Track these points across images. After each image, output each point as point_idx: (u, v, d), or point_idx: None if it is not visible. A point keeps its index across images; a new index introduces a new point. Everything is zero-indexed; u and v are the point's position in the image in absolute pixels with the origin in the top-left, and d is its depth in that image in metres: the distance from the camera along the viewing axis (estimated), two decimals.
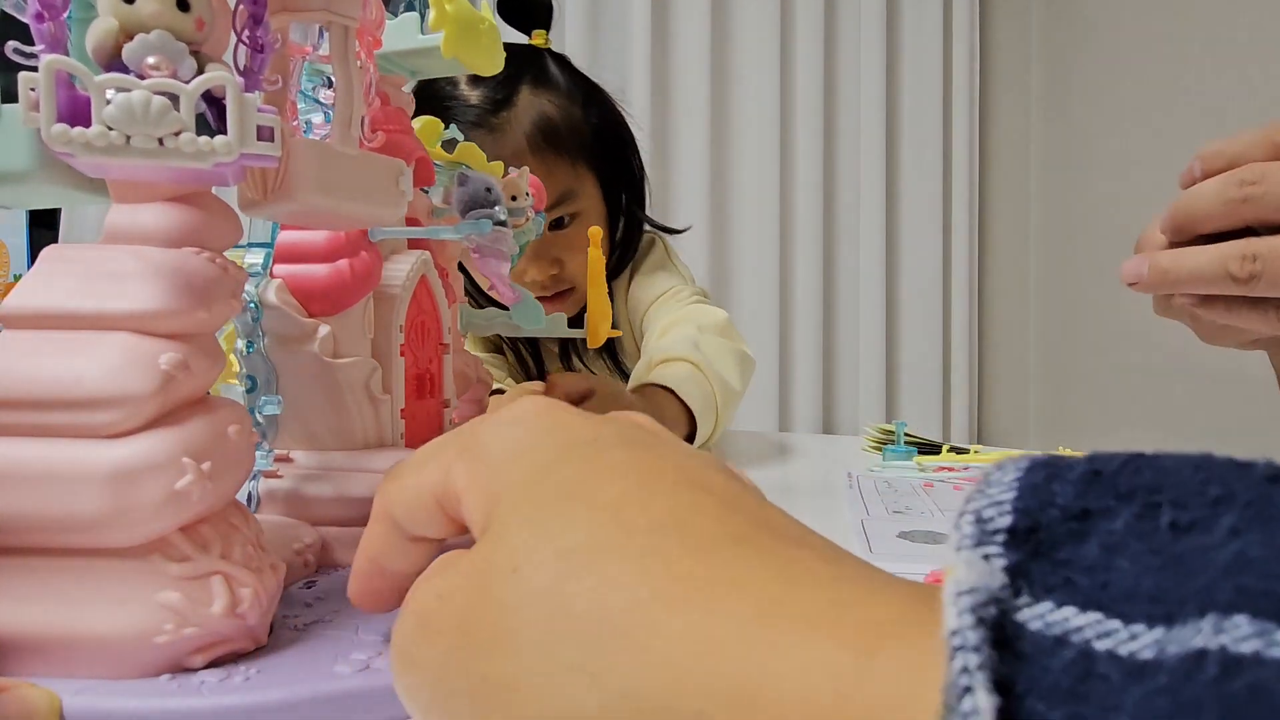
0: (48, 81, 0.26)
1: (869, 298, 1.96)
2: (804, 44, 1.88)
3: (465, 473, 0.20)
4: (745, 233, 1.86)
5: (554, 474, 0.19)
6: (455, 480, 0.20)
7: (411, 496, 0.22)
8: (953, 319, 2.02)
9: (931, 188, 1.99)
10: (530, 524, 0.18)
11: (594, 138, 0.96)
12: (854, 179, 1.95)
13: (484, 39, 0.47)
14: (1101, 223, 1.88)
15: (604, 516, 0.17)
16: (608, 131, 0.98)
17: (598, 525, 0.17)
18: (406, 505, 0.22)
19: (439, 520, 0.21)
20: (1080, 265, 1.95)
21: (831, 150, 1.94)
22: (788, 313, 1.90)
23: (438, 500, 0.21)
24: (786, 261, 1.89)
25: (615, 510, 0.17)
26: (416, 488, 0.22)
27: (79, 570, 0.27)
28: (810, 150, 1.89)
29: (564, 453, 0.19)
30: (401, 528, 0.22)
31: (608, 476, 0.18)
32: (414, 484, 0.22)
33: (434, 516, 0.21)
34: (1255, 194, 0.40)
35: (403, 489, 0.22)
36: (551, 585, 0.16)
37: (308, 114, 0.44)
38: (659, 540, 0.16)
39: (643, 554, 0.16)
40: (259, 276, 0.40)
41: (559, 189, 0.90)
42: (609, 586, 0.16)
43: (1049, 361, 2.07)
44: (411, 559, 0.23)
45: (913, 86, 1.98)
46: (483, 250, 0.51)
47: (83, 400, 0.27)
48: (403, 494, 0.22)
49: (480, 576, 0.18)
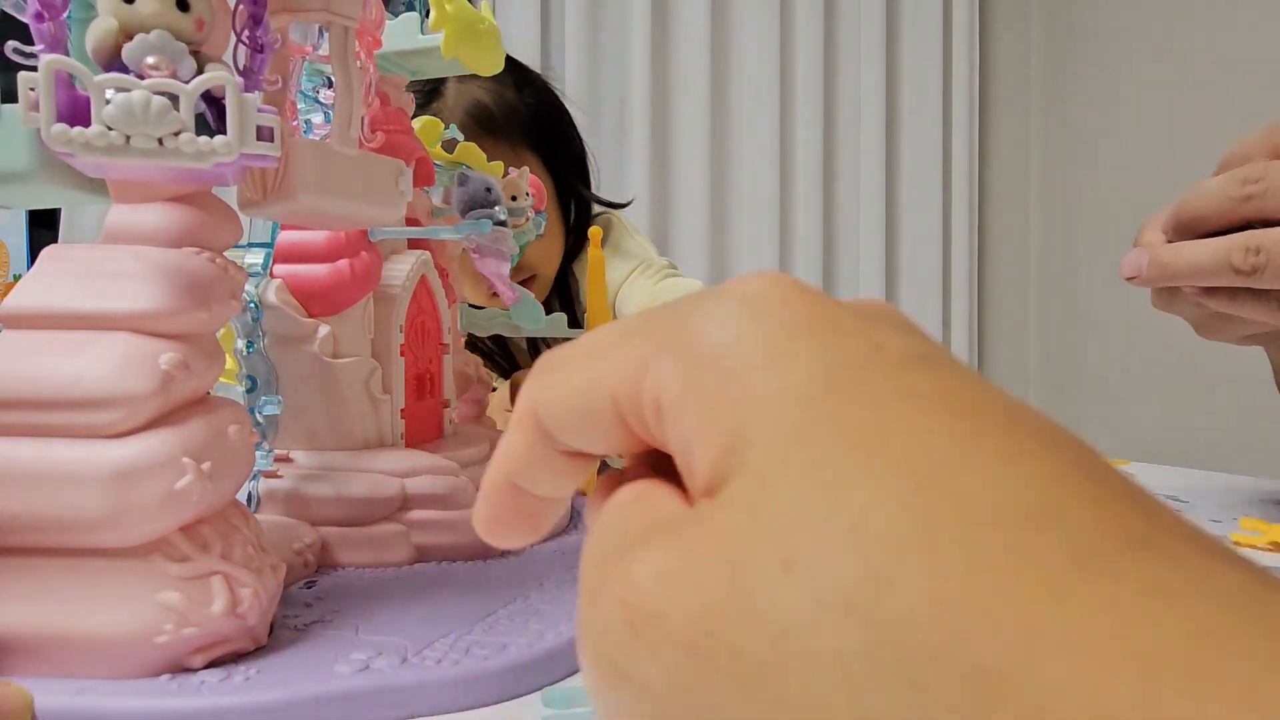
0: (47, 81, 0.26)
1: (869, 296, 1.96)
2: (804, 44, 1.88)
3: (677, 376, 0.14)
4: (745, 232, 1.86)
5: (828, 402, 0.13)
6: (658, 383, 0.14)
7: (577, 397, 0.16)
8: (953, 319, 2.02)
9: (931, 187, 1.99)
10: (806, 487, 0.12)
11: (531, 119, 0.93)
12: (854, 178, 1.95)
13: (484, 39, 0.47)
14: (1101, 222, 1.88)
15: (925, 486, 0.11)
16: (544, 112, 0.96)
17: (920, 500, 0.11)
18: (568, 408, 0.16)
19: (614, 432, 0.16)
20: (1080, 264, 1.95)
21: (831, 150, 1.94)
22: None
23: (619, 406, 0.15)
24: (786, 261, 1.89)
25: (942, 476, 0.11)
26: (587, 386, 0.15)
27: (79, 570, 0.27)
28: (810, 150, 1.89)
29: (838, 368, 0.13)
30: (553, 438, 0.16)
31: (916, 413, 0.12)
32: (584, 381, 0.16)
33: (609, 427, 0.15)
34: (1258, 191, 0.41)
35: (565, 385, 0.16)
36: (850, 598, 0.11)
37: (308, 114, 0.44)
38: (1020, 537, 0.11)
39: (1003, 558, 0.10)
40: (259, 276, 0.40)
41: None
42: (948, 608, 0.10)
43: (1049, 361, 2.07)
44: (560, 480, 0.17)
45: (913, 86, 1.98)
46: (483, 250, 0.51)
47: (83, 400, 0.27)
48: (564, 393, 0.16)
49: (729, 564, 0.12)
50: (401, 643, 0.31)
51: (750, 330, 0.14)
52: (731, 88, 1.85)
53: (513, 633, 0.32)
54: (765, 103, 1.85)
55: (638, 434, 0.15)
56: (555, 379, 0.16)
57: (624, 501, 0.15)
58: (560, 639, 0.31)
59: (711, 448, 0.13)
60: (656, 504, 0.15)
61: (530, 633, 0.32)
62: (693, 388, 0.14)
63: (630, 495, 0.15)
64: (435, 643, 0.31)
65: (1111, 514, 0.11)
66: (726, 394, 0.13)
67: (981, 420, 0.12)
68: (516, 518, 0.18)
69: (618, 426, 0.15)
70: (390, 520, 0.41)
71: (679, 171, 1.79)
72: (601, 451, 0.17)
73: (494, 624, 0.33)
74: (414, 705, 0.28)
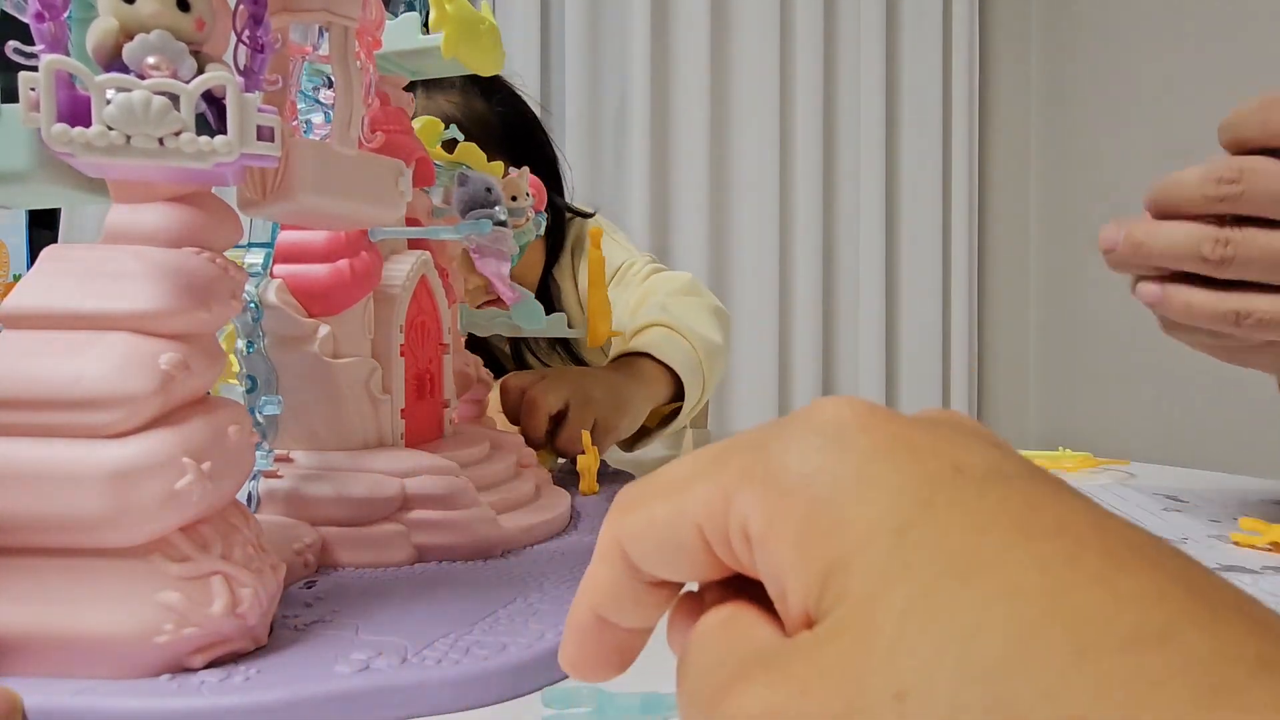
0: (48, 81, 0.26)
1: (869, 297, 1.96)
2: (804, 44, 1.88)
3: (765, 507, 0.14)
4: (745, 232, 1.86)
5: (921, 528, 0.13)
6: (743, 512, 0.15)
7: (662, 529, 0.16)
8: (953, 319, 2.02)
9: (931, 188, 1.99)
10: (911, 616, 0.12)
11: (502, 128, 0.92)
12: (854, 179, 1.95)
13: (484, 39, 0.47)
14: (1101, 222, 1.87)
15: (1034, 610, 0.11)
16: (514, 120, 0.95)
17: (1030, 625, 0.11)
18: (655, 540, 0.16)
19: (701, 561, 0.16)
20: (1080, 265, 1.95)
21: (831, 150, 1.94)
22: (787, 312, 1.90)
23: (705, 536, 0.16)
24: (786, 261, 1.89)
25: (1049, 599, 0.11)
26: (672, 518, 0.16)
27: (79, 570, 0.27)
28: (810, 150, 1.89)
29: (926, 491, 0.13)
30: (639, 569, 0.17)
31: (1009, 534, 0.12)
32: (669, 513, 0.16)
33: (695, 557, 0.16)
34: (1232, 193, 0.41)
35: (649, 518, 0.16)
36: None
37: (308, 114, 0.44)
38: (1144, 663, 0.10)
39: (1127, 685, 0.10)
40: (259, 276, 0.40)
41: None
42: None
43: (1049, 361, 2.07)
44: (647, 611, 0.18)
45: (913, 86, 1.98)
46: (483, 250, 0.51)
47: (83, 400, 0.27)
48: (649, 525, 0.16)
49: (841, 698, 0.12)
50: (401, 643, 0.31)
51: (832, 460, 0.14)
52: (731, 88, 1.85)
53: (513, 633, 0.32)
54: (765, 103, 1.84)
55: (725, 562, 0.16)
56: (639, 513, 0.17)
57: (715, 626, 0.16)
58: (560, 639, 0.31)
59: (807, 577, 0.13)
60: (750, 630, 0.15)
61: (530, 633, 0.32)
62: (782, 518, 0.14)
63: (721, 620, 0.16)
64: (435, 643, 0.31)
65: (1230, 633, 0.11)
66: (818, 525, 0.14)
67: (1075, 538, 0.12)
68: (605, 652, 0.18)
69: (704, 555, 0.16)
70: (390, 520, 0.41)
71: (679, 171, 1.79)
72: (688, 580, 0.17)
73: (494, 624, 0.33)
74: (414, 705, 0.28)
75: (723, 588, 0.16)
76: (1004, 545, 0.12)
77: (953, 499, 0.13)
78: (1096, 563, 0.12)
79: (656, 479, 0.17)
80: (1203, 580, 0.12)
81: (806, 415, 0.15)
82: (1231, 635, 0.11)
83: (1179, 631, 0.11)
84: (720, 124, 1.82)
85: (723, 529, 0.15)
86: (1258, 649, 0.10)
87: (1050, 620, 0.11)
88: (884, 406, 0.15)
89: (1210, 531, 0.51)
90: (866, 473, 0.14)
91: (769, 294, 1.86)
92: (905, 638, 0.12)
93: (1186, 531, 0.52)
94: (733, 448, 0.16)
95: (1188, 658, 0.10)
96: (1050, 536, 0.12)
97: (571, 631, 0.18)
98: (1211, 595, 0.11)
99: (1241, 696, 0.10)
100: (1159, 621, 0.11)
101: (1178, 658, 0.10)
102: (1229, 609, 0.11)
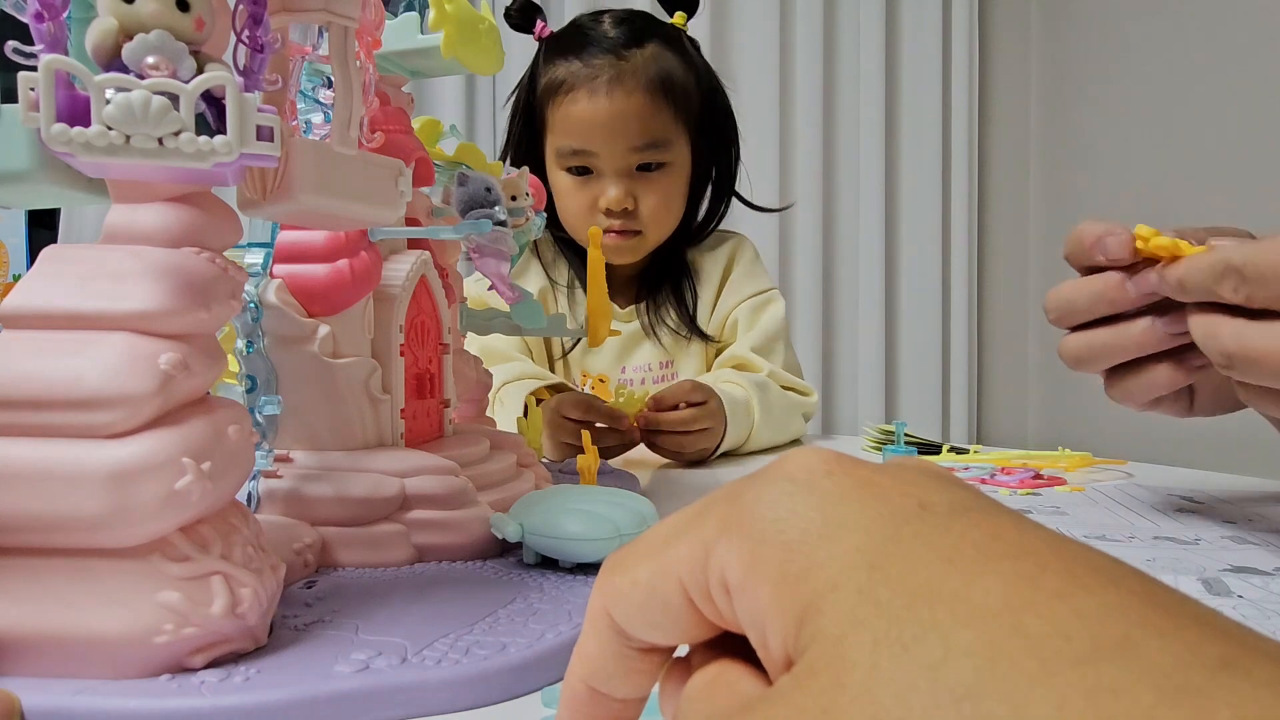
0: (47, 81, 0.26)
1: (869, 298, 1.96)
2: (804, 44, 1.88)
3: (740, 555, 0.15)
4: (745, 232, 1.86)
5: (888, 563, 0.13)
6: (722, 565, 0.15)
7: (646, 589, 0.16)
8: (952, 319, 2.02)
9: (931, 188, 1.99)
10: (882, 649, 0.12)
11: (701, 109, 1.02)
12: (854, 179, 1.95)
13: (484, 39, 0.47)
14: None
15: (998, 631, 0.11)
16: (713, 111, 1.05)
17: (995, 646, 0.11)
18: (639, 602, 0.16)
19: (686, 621, 0.16)
20: None
21: (831, 150, 1.94)
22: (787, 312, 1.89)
23: (688, 592, 0.16)
24: (786, 261, 1.89)
25: (1012, 619, 0.12)
26: (655, 577, 0.16)
27: (79, 570, 0.27)
28: (810, 150, 1.89)
29: (892, 527, 0.14)
30: (626, 635, 0.17)
31: (971, 563, 0.13)
32: (651, 572, 0.16)
33: (679, 615, 0.16)
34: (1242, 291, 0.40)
35: (633, 580, 0.16)
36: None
37: (308, 114, 0.44)
38: (1102, 673, 0.11)
39: (1088, 698, 0.10)
40: (259, 276, 0.40)
41: (656, 133, 0.96)
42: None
43: (1049, 361, 2.07)
44: (638, 680, 0.17)
45: (913, 86, 1.98)
46: (483, 250, 0.51)
47: (83, 400, 0.27)
48: (633, 587, 0.16)
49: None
50: (401, 643, 0.31)
51: (802, 505, 0.15)
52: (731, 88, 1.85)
53: (513, 633, 0.32)
54: (765, 103, 1.85)
55: (709, 619, 0.16)
56: (623, 576, 0.17)
57: (702, 686, 0.16)
58: (560, 639, 0.31)
59: (784, 621, 0.14)
60: (735, 686, 0.15)
61: (530, 633, 0.32)
62: (758, 565, 0.14)
63: (707, 679, 0.16)
64: (435, 643, 0.31)
65: (1191, 639, 0.11)
66: (791, 569, 0.14)
67: (1036, 561, 0.13)
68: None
69: (689, 613, 0.16)
70: (390, 520, 0.41)
71: None
72: (675, 642, 0.17)
73: (494, 624, 0.33)
74: (414, 705, 0.28)
75: (710, 650, 0.16)
76: (968, 571, 0.13)
77: (919, 532, 0.14)
78: (1056, 581, 0.12)
79: (640, 542, 0.17)
80: (1164, 595, 0.12)
81: (778, 466, 0.16)
82: (1192, 641, 0.11)
83: (1139, 641, 0.11)
84: None
85: (704, 582, 0.15)
86: (1220, 651, 0.11)
87: (1013, 639, 0.11)
88: (851, 455, 0.16)
89: (1224, 533, 0.51)
90: (835, 515, 0.14)
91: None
92: (879, 670, 0.12)
93: (1199, 533, 0.51)
94: (711, 502, 0.16)
95: (1147, 665, 0.11)
96: (1012, 558, 0.13)
97: (565, 704, 0.18)
98: (1172, 607, 0.12)
99: (1204, 697, 0.10)
100: (1117, 633, 0.11)
101: (1137, 665, 0.11)
102: (1190, 619, 0.11)
